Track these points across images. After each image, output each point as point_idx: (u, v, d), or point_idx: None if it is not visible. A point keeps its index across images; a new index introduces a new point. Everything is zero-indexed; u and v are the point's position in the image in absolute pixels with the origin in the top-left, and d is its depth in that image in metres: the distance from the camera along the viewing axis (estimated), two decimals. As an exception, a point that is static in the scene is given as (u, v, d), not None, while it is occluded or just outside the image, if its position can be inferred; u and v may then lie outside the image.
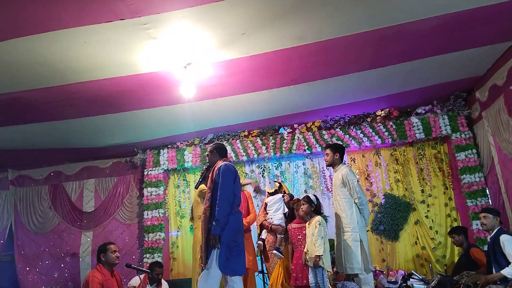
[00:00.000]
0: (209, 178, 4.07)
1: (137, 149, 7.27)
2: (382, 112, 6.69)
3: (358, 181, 4.70)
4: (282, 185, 5.45)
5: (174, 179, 7.34)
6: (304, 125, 6.94)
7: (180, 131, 6.89)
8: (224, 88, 5.45)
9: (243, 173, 7.04)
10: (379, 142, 6.65)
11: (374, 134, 6.64)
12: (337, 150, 4.87)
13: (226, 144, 6.92)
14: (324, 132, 6.80)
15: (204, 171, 4.48)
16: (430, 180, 6.63)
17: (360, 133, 6.68)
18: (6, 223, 7.44)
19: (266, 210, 5.22)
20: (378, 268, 6.03)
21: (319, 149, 6.71)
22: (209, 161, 4.28)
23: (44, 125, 5.91)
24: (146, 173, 7.11)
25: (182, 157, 7.06)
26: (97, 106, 5.58)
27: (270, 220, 5.07)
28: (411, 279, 5.10)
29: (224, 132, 7.08)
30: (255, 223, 5.34)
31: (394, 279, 5.79)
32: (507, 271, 4.00)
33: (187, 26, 4.01)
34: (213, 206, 3.90)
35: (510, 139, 5.14)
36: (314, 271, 4.42)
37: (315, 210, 4.66)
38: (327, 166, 5.10)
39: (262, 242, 5.09)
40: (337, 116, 6.84)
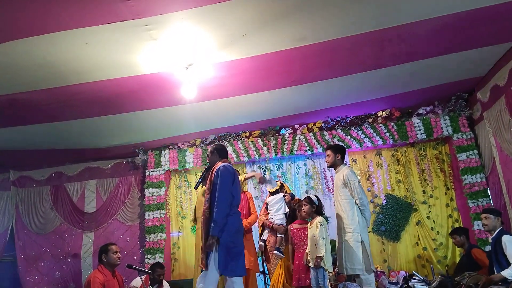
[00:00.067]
0: (208, 179, 4.09)
1: (138, 150, 7.27)
2: (384, 112, 6.69)
3: (359, 181, 4.69)
4: (283, 185, 5.46)
5: (175, 180, 7.34)
6: (305, 125, 6.94)
7: (181, 132, 6.89)
8: (225, 89, 5.45)
9: (245, 173, 7.03)
10: (381, 142, 6.64)
11: (375, 134, 6.64)
12: (338, 151, 4.87)
13: (228, 145, 6.92)
14: (325, 132, 6.80)
15: (204, 171, 4.49)
16: (431, 180, 6.62)
17: (361, 133, 6.67)
18: (7, 224, 7.46)
19: (267, 210, 5.23)
20: (379, 268, 6.02)
21: (320, 149, 6.71)
22: (209, 161, 4.30)
23: (45, 126, 5.92)
24: (147, 174, 7.12)
25: (183, 158, 7.07)
26: (98, 107, 5.59)
27: (271, 219, 5.09)
28: (413, 280, 5.09)
29: (225, 133, 7.08)
30: (256, 224, 5.35)
31: (395, 280, 5.79)
32: (507, 272, 4.00)
33: (188, 27, 4.02)
34: (212, 207, 3.91)
35: (511, 140, 5.13)
36: (316, 272, 4.41)
37: (317, 210, 4.65)
38: (329, 167, 5.09)
39: (264, 243, 5.10)
40: (338, 116, 6.84)
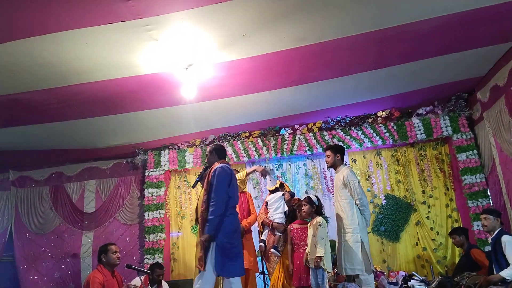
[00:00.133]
0: (205, 179, 4.10)
1: (138, 150, 7.27)
2: (383, 113, 6.68)
3: (359, 182, 4.69)
4: (284, 185, 5.45)
5: (175, 180, 7.34)
6: (305, 126, 6.94)
7: (181, 132, 6.89)
8: (225, 89, 5.45)
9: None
10: (380, 143, 6.64)
11: (375, 135, 6.64)
12: (338, 151, 4.87)
13: (227, 145, 6.92)
14: (325, 133, 6.80)
15: (202, 171, 4.49)
16: (431, 181, 6.62)
17: (361, 134, 6.67)
18: (7, 224, 7.45)
19: (267, 208, 5.23)
20: (378, 269, 6.03)
21: (320, 150, 6.70)
22: (207, 161, 4.32)
23: (45, 126, 5.91)
24: (147, 174, 7.11)
25: (183, 158, 7.06)
26: (98, 107, 5.58)
27: (271, 218, 5.09)
28: (412, 280, 5.09)
29: (225, 133, 7.07)
30: (256, 223, 5.34)
31: (394, 280, 5.79)
32: (506, 273, 4.00)
33: (188, 27, 4.02)
34: (209, 208, 3.94)
35: (511, 140, 5.13)
36: (315, 272, 4.42)
37: (316, 211, 4.65)
38: (329, 167, 5.09)
39: (264, 243, 5.10)
40: (338, 117, 6.84)
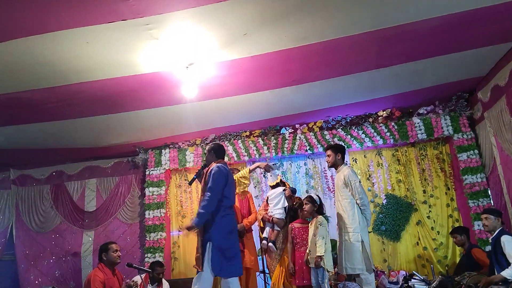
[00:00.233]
0: (203, 178, 4.10)
1: (138, 149, 7.27)
2: (384, 112, 6.68)
3: (360, 181, 4.69)
4: (285, 184, 5.45)
5: (176, 179, 7.34)
6: (305, 125, 6.94)
7: (181, 131, 6.89)
8: (225, 88, 5.45)
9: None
10: (381, 142, 6.63)
11: (376, 134, 6.63)
12: (338, 150, 4.87)
13: (228, 144, 6.92)
14: (325, 132, 6.80)
15: (200, 169, 4.49)
16: (432, 180, 6.61)
17: (362, 133, 6.66)
18: (8, 223, 7.46)
19: (268, 204, 5.22)
20: (379, 268, 6.03)
21: (321, 149, 6.70)
22: (205, 160, 4.33)
23: (46, 125, 5.92)
24: (147, 173, 7.12)
25: (183, 157, 7.07)
26: (98, 106, 5.59)
27: (271, 213, 5.06)
28: (413, 280, 5.08)
29: (225, 132, 7.07)
30: (256, 223, 5.34)
31: (395, 280, 5.79)
32: (507, 273, 3.99)
33: (189, 26, 4.01)
34: None
35: (512, 140, 5.13)
36: (316, 272, 4.42)
37: (317, 210, 4.66)
38: (329, 167, 5.08)
39: (266, 240, 5.08)
40: (339, 116, 6.84)
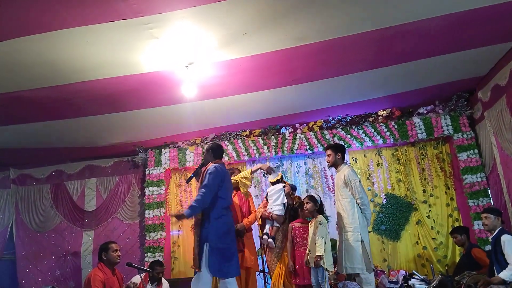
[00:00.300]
0: (200, 178, 4.11)
1: (138, 148, 7.28)
2: (384, 112, 6.68)
3: (360, 181, 4.68)
4: (285, 183, 5.44)
5: (176, 179, 7.34)
6: (305, 124, 6.94)
7: (181, 131, 6.89)
8: (225, 87, 5.45)
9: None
10: (381, 142, 6.64)
11: (376, 134, 6.63)
12: (338, 150, 4.86)
13: (228, 143, 6.92)
14: (325, 132, 6.80)
15: (198, 167, 4.49)
16: (432, 180, 6.61)
17: (362, 133, 6.67)
18: (7, 222, 7.47)
19: (267, 201, 5.19)
20: (379, 268, 6.03)
21: (321, 149, 6.70)
22: (203, 159, 4.33)
23: (46, 124, 5.92)
24: (147, 172, 7.12)
25: (183, 156, 7.07)
26: (99, 105, 5.58)
27: (270, 210, 5.02)
28: (412, 279, 5.09)
29: (225, 131, 7.07)
30: (256, 223, 5.33)
31: (395, 279, 5.79)
32: (505, 274, 4.01)
33: (189, 26, 4.01)
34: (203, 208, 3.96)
35: (512, 139, 5.13)
36: (315, 271, 4.42)
37: (318, 209, 4.66)
38: (329, 166, 5.06)
39: (267, 236, 5.03)
40: (339, 116, 6.84)
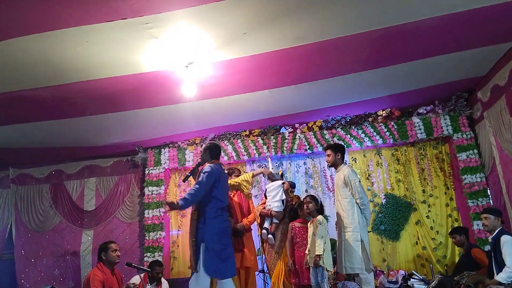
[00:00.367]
0: (197, 177, 4.12)
1: (138, 148, 7.28)
2: (384, 112, 6.68)
3: (359, 181, 4.68)
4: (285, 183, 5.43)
5: (175, 178, 7.34)
6: (305, 124, 6.94)
7: (181, 131, 6.90)
8: (225, 87, 5.45)
9: (244, 172, 7.01)
10: (381, 142, 6.64)
11: (375, 134, 6.63)
12: (338, 150, 4.85)
13: (227, 143, 6.92)
14: (325, 131, 6.80)
15: (195, 166, 4.50)
16: (431, 180, 6.61)
17: (361, 133, 6.67)
18: (7, 222, 7.47)
19: (266, 197, 5.16)
20: (378, 268, 6.03)
21: (320, 149, 6.70)
22: (200, 158, 4.36)
23: (45, 124, 5.91)
24: (147, 172, 7.12)
25: (183, 156, 7.07)
26: (98, 105, 5.58)
27: (268, 207, 4.97)
28: (412, 279, 5.09)
29: (225, 131, 7.07)
30: (256, 223, 5.32)
31: (394, 279, 5.79)
32: (501, 277, 4.03)
33: (189, 25, 4.01)
34: (198, 209, 4.00)
35: (512, 140, 5.13)
36: (315, 271, 4.43)
37: (318, 209, 4.66)
38: (329, 166, 5.06)
39: (266, 230, 4.99)
40: (338, 115, 6.84)
